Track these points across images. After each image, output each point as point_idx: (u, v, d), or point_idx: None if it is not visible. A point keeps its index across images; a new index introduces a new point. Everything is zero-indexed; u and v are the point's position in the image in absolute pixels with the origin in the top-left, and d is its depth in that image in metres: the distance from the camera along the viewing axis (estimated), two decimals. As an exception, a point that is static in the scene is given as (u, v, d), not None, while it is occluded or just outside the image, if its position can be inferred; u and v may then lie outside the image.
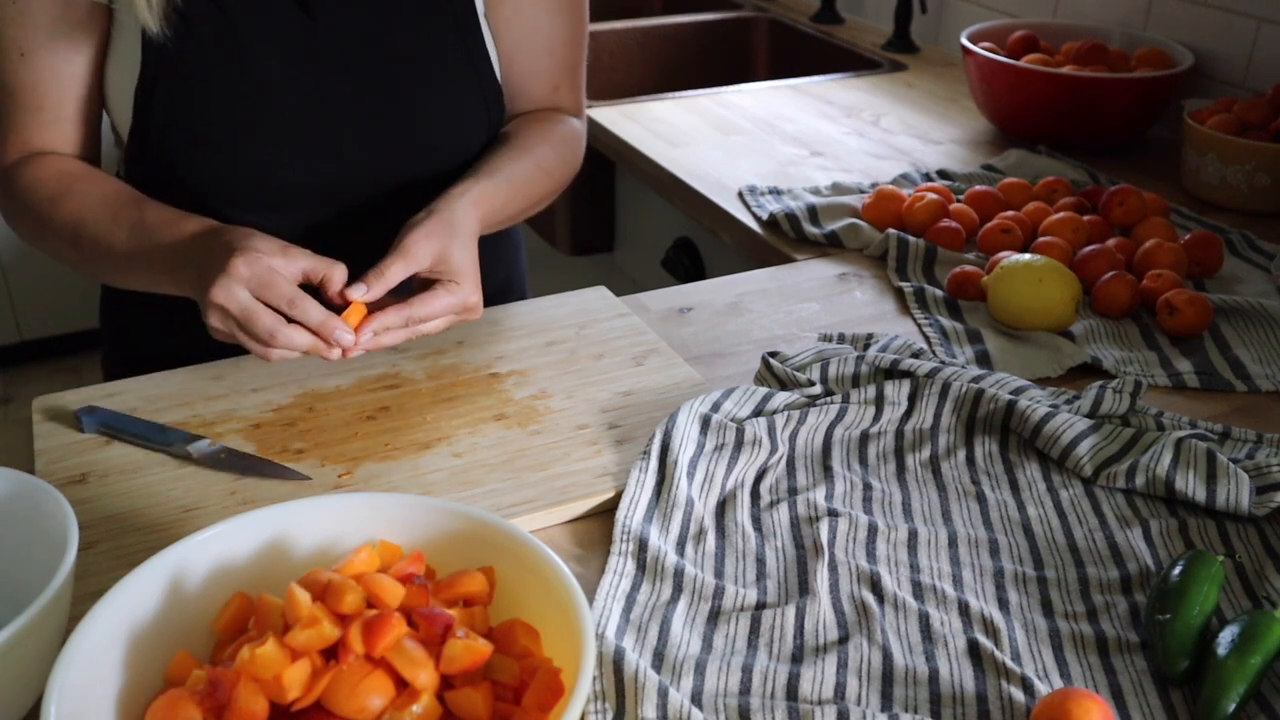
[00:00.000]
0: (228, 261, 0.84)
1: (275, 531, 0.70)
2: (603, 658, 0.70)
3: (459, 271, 0.92)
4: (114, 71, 0.99)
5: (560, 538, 0.83)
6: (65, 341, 3.03)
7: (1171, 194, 1.49)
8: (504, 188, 1.03)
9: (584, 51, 1.16)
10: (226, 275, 0.83)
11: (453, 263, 0.91)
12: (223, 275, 0.83)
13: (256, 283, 0.83)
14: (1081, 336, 1.12)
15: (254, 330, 0.83)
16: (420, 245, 0.90)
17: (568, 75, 1.15)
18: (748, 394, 0.95)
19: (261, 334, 0.83)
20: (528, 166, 1.06)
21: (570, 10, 1.11)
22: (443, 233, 0.92)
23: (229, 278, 0.83)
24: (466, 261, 0.92)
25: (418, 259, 0.90)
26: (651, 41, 2.24)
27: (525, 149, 1.07)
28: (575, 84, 1.16)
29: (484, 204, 0.99)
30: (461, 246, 0.92)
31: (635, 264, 1.84)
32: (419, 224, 0.92)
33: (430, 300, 0.90)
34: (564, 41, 1.12)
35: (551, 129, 1.12)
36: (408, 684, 0.60)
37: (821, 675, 0.70)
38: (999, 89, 1.62)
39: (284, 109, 0.98)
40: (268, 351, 0.85)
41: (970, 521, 0.85)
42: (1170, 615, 0.73)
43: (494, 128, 1.09)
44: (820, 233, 1.32)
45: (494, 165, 1.03)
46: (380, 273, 0.88)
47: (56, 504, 0.68)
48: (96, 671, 0.60)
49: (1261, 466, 0.88)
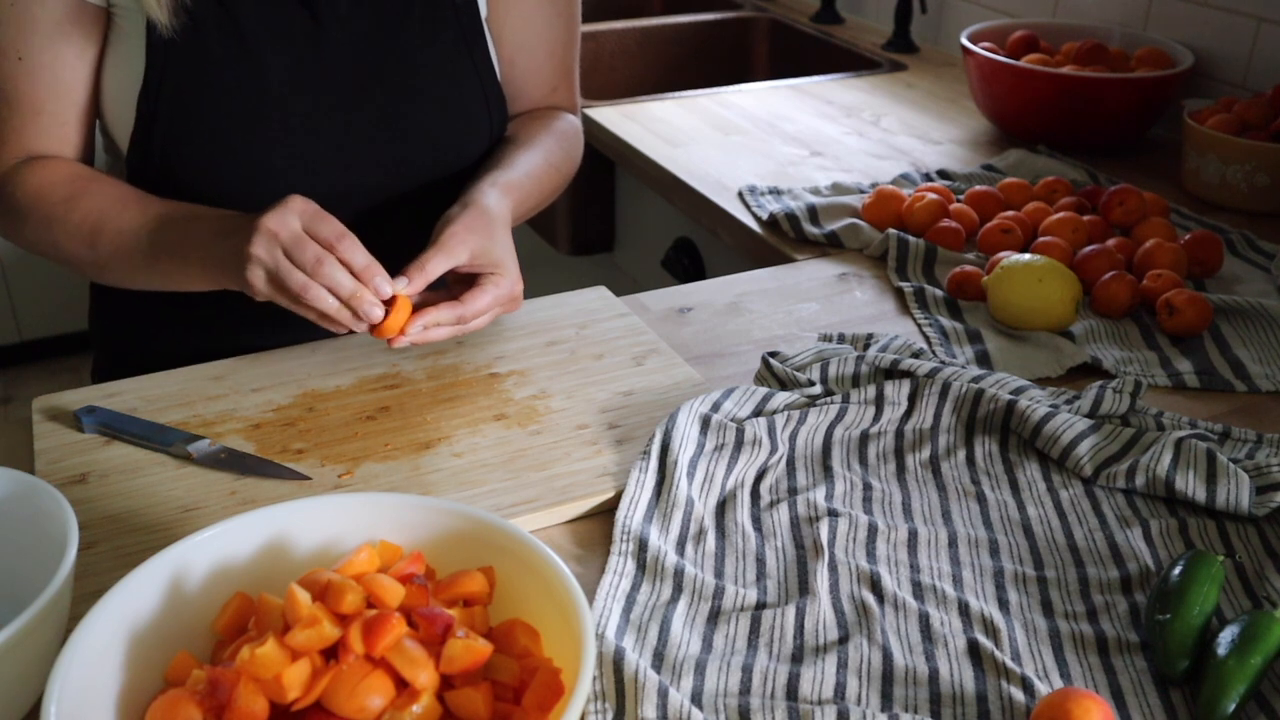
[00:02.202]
0: (285, 199, 0.86)
1: (275, 531, 0.70)
2: (603, 658, 0.70)
3: (499, 263, 0.92)
4: (112, 78, 0.98)
5: (560, 538, 0.83)
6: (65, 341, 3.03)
7: (1171, 194, 1.49)
8: (525, 181, 1.04)
9: (578, 52, 1.18)
10: (283, 205, 0.85)
11: (494, 254, 0.92)
12: (280, 205, 0.85)
13: (309, 216, 0.85)
14: (1081, 336, 1.12)
15: (300, 258, 0.84)
16: (460, 239, 0.90)
17: (565, 77, 1.17)
18: (748, 394, 0.95)
19: (307, 262, 0.84)
20: (539, 162, 1.07)
21: (566, 14, 1.13)
22: (481, 225, 0.92)
23: (285, 207, 0.85)
24: (506, 252, 0.93)
25: (457, 253, 0.90)
26: (651, 41, 2.24)
27: (534, 145, 1.08)
28: (571, 84, 1.18)
29: (511, 195, 1.00)
30: (500, 237, 0.93)
31: (635, 264, 1.84)
32: (456, 217, 0.92)
33: (479, 296, 0.91)
34: (561, 43, 1.14)
35: (553, 126, 1.13)
36: (408, 684, 0.60)
37: (821, 675, 0.70)
38: (999, 89, 1.62)
39: (290, 114, 0.98)
40: (304, 291, 0.84)
41: (970, 521, 0.85)
42: (1170, 615, 0.73)
43: (496, 131, 1.10)
44: (820, 233, 1.32)
45: (511, 159, 1.04)
46: (421, 266, 0.88)
47: (56, 504, 0.68)
48: (96, 671, 0.60)
49: (1261, 466, 0.88)
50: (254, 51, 0.96)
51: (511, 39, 1.10)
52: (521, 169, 1.04)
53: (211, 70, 0.96)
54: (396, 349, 0.92)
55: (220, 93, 0.96)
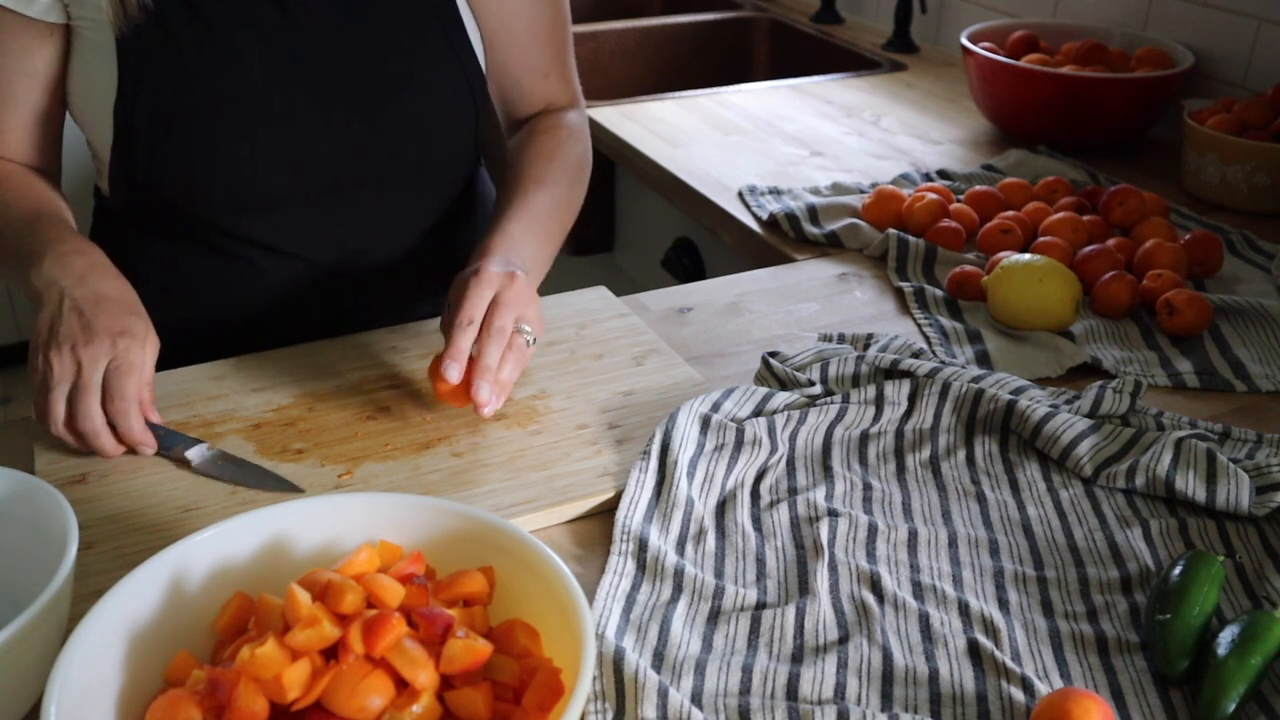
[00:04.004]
0: (127, 323, 0.86)
1: (275, 531, 0.70)
2: (603, 658, 0.70)
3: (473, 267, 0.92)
4: (82, 90, 0.97)
5: (560, 538, 0.83)
6: (65, 341, 3.02)
7: (1171, 194, 1.49)
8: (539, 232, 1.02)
9: (568, 39, 1.15)
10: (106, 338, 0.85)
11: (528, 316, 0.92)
12: (102, 337, 0.85)
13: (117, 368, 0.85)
14: (1081, 336, 1.12)
15: (82, 403, 0.84)
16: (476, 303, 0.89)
17: (556, 63, 1.14)
18: (748, 394, 0.95)
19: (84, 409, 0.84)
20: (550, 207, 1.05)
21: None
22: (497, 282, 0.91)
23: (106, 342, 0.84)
24: (532, 313, 0.92)
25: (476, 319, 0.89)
26: (651, 41, 2.24)
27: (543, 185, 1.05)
28: (565, 72, 1.15)
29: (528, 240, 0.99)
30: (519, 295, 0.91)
31: (635, 264, 1.84)
32: (468, 279, 0.91)
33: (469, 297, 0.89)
34: (547, 25, 1.11)
35: (558, 150, 1.09)
36: (408, 684, 0.60)
37: (821, 675, 0.70)
38: (999, 89, 1.62)
39: (267, 112, 0.97)
40: (59, 421, 0.85)
41: (970, 521, 0.85)
42: (1170, 615, 0.73)
43: (480, 114, 1.08)
44: (820, 233, 1.32)
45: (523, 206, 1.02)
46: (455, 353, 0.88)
47: (56, 504, 0.68)
48: (96, 671, 0.60)
49: (1261, 466, 0.88)
50: (227, 50, 0.95)
51: (490, 19, 1.07)
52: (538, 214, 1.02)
53: (186, 73, 0.94)
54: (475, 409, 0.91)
55: (197, 95, 0.95)
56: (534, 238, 1.00)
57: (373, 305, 1.11)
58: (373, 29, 1.00)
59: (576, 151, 1.12)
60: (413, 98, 1.03)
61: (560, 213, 1.06)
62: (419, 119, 1.04)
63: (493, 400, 0.88)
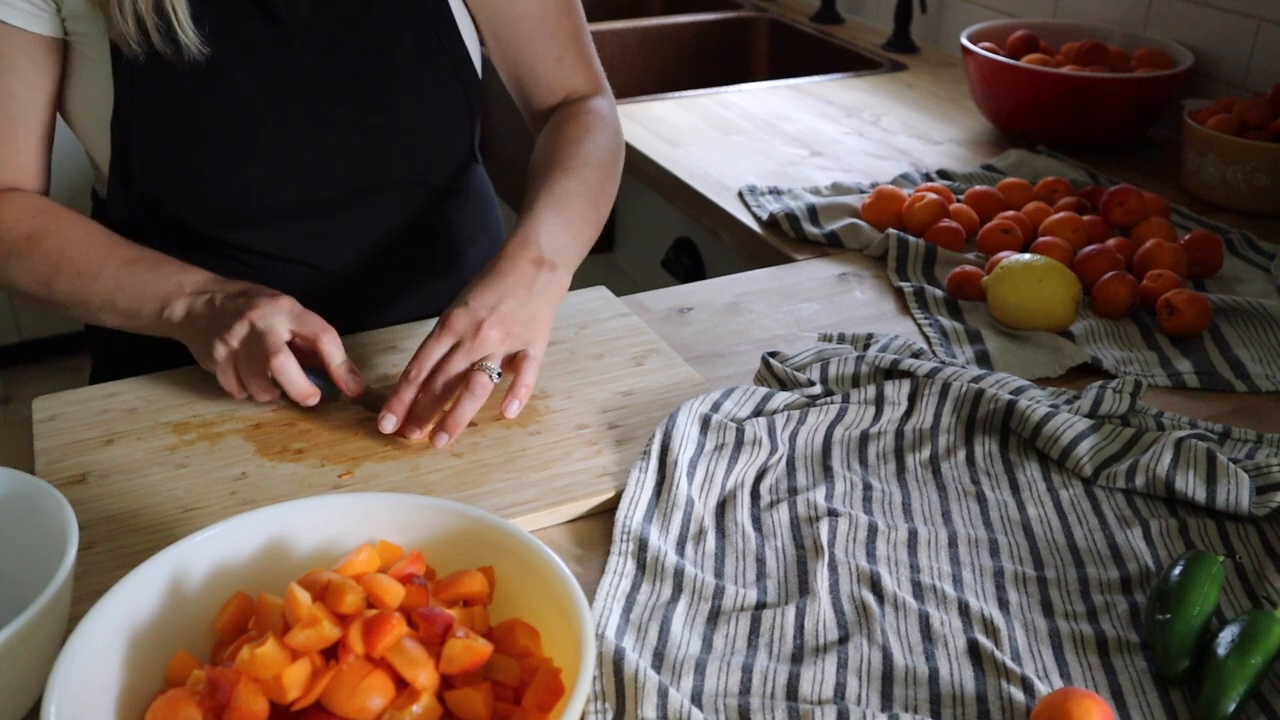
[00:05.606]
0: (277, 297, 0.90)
1: (275, 531, 0.70)
2: (603, 658, 0.70)
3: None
4: (81, 105, 0.97)
5: (560, 538, 0.83)
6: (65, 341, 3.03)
7: (1171, 194, 1.49)
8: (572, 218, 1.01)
9: (580, 22, 1.11)
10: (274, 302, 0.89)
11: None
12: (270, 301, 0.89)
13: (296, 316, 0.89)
14: (1081, 336, 1.12)
15: (267, 343, 0.87)
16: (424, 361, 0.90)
17: (569, 47, 1.10)
18: (748, 394, 0.95)
19: (270, 347, 0.87)
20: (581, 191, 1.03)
21: None
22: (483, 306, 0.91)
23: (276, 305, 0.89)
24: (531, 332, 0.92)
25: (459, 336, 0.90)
26: (651, 41, 2.24)
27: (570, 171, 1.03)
28: (582, 56, 1.12)
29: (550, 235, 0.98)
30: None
31: (635, 264, 1.84)
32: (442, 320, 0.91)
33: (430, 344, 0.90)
34: (552, 7, 1.08)
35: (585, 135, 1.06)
36: (408, 684, 0.60)
37: (821, 675, 0.70)
38: (999, 89, 1.62)
39: (263, 124, 0.97)
40: (259, 395, 0.89)
41: (970, 521, 0.85)
42: (1170, 615, 0.73)
43: (475, 120, 1.08)
44: (820, 233, 1.32)
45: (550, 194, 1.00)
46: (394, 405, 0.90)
47: (56, 504, 0.68)
48: (96, 671, 0.60)
49: (1261, 466, 0.88)
50: (220, 65, 0.94)
51: (490, 11, 1.06)
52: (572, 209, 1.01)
53: (180, 90, 0.94)
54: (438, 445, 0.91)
55: (192, 110, 0.95)
56: (564, 226, 0.98)
57: (373, 307, 1.11)
58: (365, 39, 1.00)
59: (605, 135, 1.08)
60: (407, 106, 1.02)
61: (593, 197, 1.03)
62: (414, 127, 1.04)
63: (442, 437, 0.88)
